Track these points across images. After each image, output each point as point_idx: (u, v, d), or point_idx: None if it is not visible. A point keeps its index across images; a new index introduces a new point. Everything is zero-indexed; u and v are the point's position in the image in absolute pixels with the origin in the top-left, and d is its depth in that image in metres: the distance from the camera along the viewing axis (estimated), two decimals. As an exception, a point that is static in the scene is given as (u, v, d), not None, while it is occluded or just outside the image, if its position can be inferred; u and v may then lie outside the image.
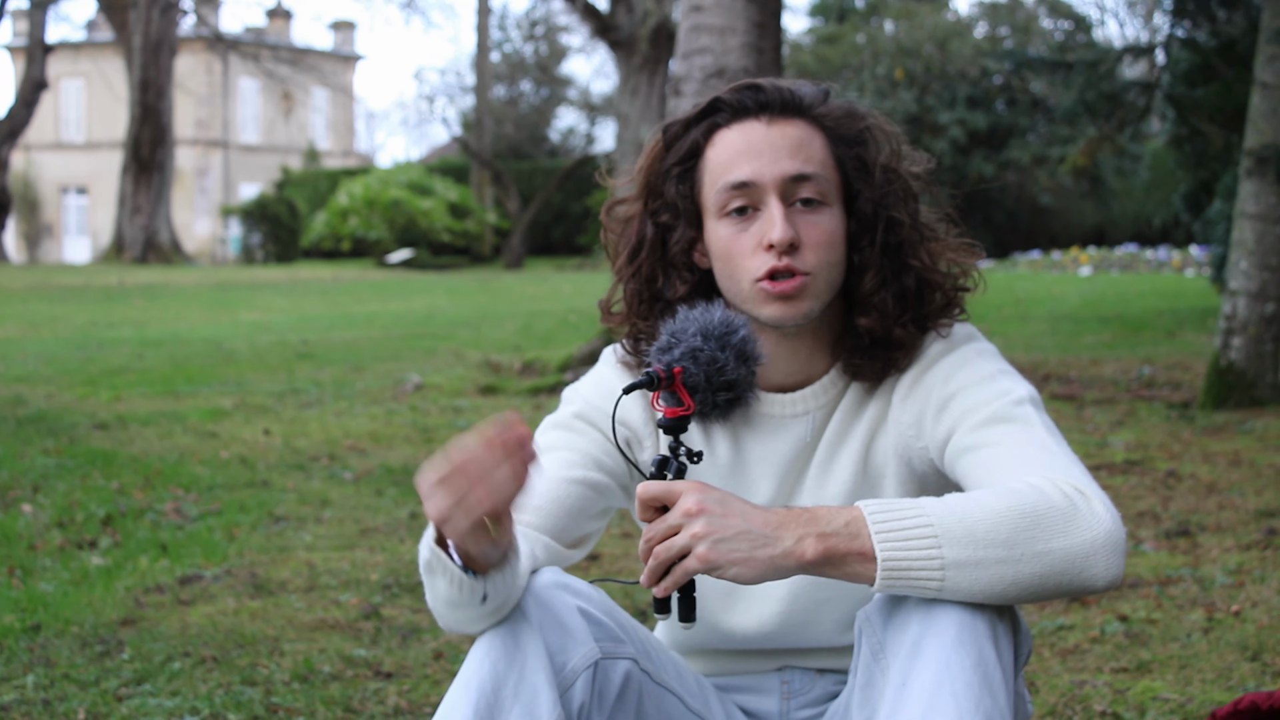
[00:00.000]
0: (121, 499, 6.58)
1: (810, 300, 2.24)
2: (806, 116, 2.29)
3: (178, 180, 49.31)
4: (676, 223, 2.33)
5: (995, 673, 1.98)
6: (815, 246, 2.23)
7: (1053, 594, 1.99)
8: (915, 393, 2.28)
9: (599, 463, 2.35)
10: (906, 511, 1.97)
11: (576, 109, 60.78)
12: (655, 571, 2.01)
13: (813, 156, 2.26)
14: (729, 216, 2.26)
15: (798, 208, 2.24)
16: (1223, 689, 3.74)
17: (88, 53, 56.07)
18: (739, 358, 2.09)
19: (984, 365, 2.26)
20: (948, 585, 1.95)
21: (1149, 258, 31.56)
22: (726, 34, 9.82)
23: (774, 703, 2.41)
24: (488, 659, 2.05)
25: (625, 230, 2.40)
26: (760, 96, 2.29)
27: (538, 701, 2.03)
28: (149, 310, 21.16)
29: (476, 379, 11.47)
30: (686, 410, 2.08)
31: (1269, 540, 5.41)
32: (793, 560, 1.97)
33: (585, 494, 2.33)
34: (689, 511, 1.97)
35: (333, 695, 3.82)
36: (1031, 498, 1.98)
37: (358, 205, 43.43)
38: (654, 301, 2.35)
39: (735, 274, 2.26)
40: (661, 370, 2.06)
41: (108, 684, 3.92)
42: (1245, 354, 9.06)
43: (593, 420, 2.37)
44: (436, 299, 24.09)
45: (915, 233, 2.31)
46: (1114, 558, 1.98)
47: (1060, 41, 39.09)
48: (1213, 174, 14.37)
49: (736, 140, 2.27)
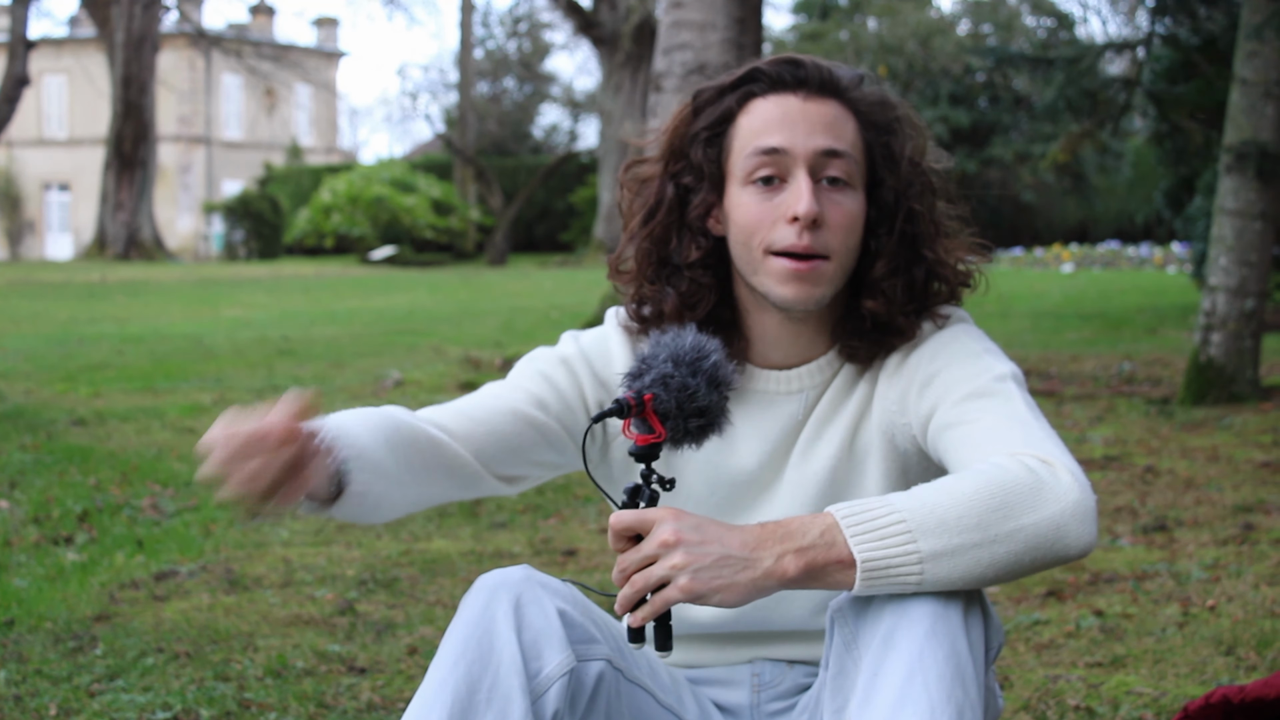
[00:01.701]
0: (98, 495, 6.56)
1: (824, 286, 2.25)
2: (841, 98, 2.29)
3: (160, 177, 49.20)
4: (699, 186, 2.31)
5: (968, 665, 1.97)
6: (837, 228, 2.24)
7: (1030, 569, 1.98)
8: (902, 370, 2.29)
9: (557, 412, 2.35)
10: (878, 510, 1.96)
11: (560, 106, 60.79)
12: (631, 600, 1.99)
13: (844, 136, 2.26)
14: (754, 184, 2.26)
15: (824, 185, 2.24)
16: (1196, 683, 3.74)
17: (70, 49, 55.88)
18: (710, 383, 2.06)
19: (969, 344, 2.27)
20: (927, 578, 1.95)
21: (1131, 254, 31.66)
22: (707, 29, 9.82)
23: (744, 695, 2.40)
24: (462, 661, 2.04)
25: (643, 190, 2.38)
26: (799, 72, 2.29)
27: (510, 707, 2.02)
28: (130, 307, 21.12)
29: (457, 375, 11.45)
30: (658, 438, 2.05)
31: (1245, 535, 5.42)
32: (774, 579, 1.96)
33: (527, 433, 2.32)
34: (666, 542, 1.96)
35: (306, 691, 3.80)
36: (997, 477, 1.98)
37: (341, 202, 43.40)
38: (663, 265, 2.34)
39: (750, 242, 2.26)
40: (632, 397, 2.04)
41: (80, 680, 3.90)
42: (1224, 350, 9.07)
43: (574, 370, 2.37)
44: (418, 295, 24.07)
45: (932, 226, 2.32)
46: (1085, 525, 1.98)
47: (1043, 39, 39.15)
48: (1193, 170, 14.41)
49: (771, 110, 2.27)
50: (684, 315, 2.29)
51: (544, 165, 45.43)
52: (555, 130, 60.25)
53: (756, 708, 2.39)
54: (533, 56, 58.28)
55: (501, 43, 58.30)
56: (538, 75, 58.64)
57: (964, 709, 1.94)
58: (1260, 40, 8.88)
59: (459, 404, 2.35)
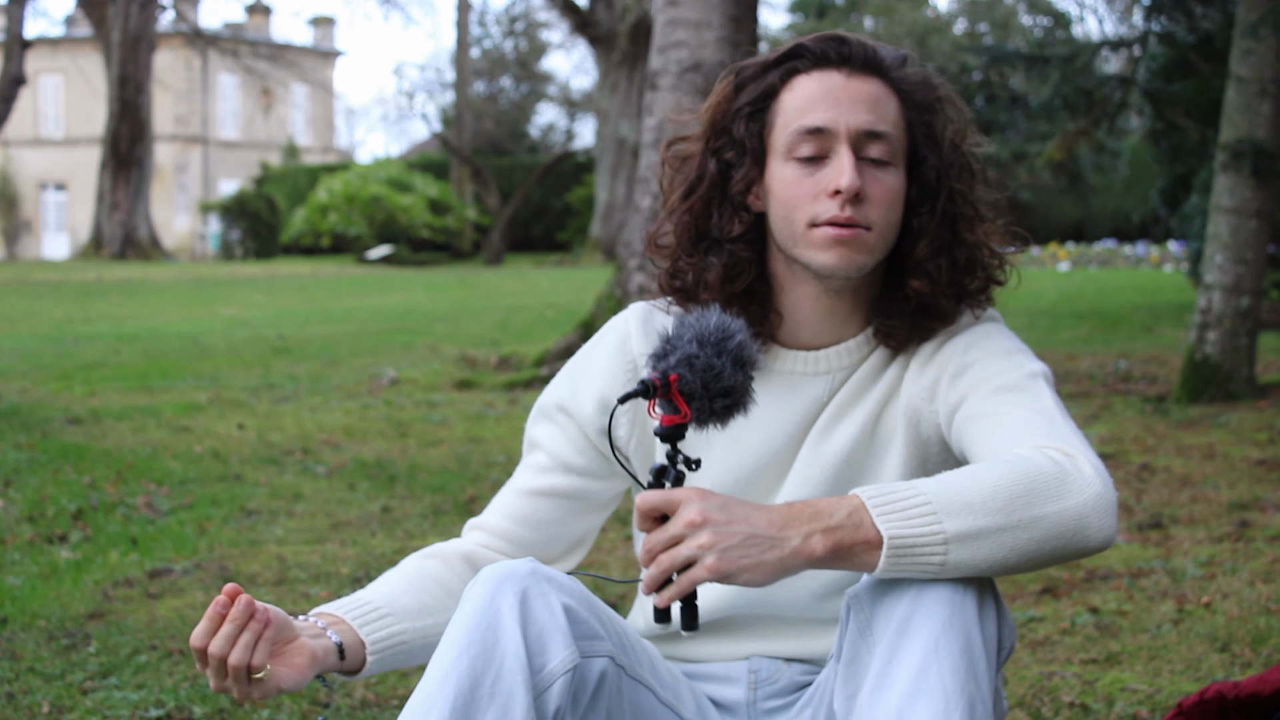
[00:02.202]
0: (93, 493, 6.55)
1: (865, 254, 2.25)
2: (885, 77, 2.30)
3: (156, 176, 49.21)
4: (740, 161, 2.31)
5: (980, 659, 1.98)
6: (879, 203, 2.24)
7: (1050, 559, 1.99)
8: (935, 359, 2.30)
9: (568, 465, 2.39)
10: (903, 491, 1.97)
11: (556, 105, 60.83)
12: (657, 580, 1.98)
13: (886, 116, 2.27)
14: (797, 160, 2.26)
15: (866, 162, 2.25)
16: (1191, 680, 3.74)
17: (66, 48, 55.84)
18: (736, 363, 2.05)
19: (1003, 341, 2.30)
20: (950, 560, 1.95)
21: (1127, 253, 31.67)
22: (702, 28, 9.82)
23: (741, 692, 2.40)
24: (466, 655, 2.03)
25: (684, 167, 2.39)
26: (844, 49, 2.29)
27: (513, 703, 2.01)
28: (126, 306, 21.11)
29: (452, 374, 11.45)
30: (683, 418, 2.04)
31: (1240, 532, 5.42)
32: (801, 559, 1.96)
33: (554, 505, 2.39)
34: (693, 522, 1.95)
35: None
36: (1022, 466, 1.99)
37: (337, 201, 43.41)
38: (701, 239, 2.34)
39: (792, 216, 2.26)
40: (657, 378, 2.03)
41: (73, 677, 3.89)
42: (1220, 348, 9.07)
43: (571, 411, 2.39)
44: (414, 295, 24.07)
45: (972, 209, 2.34)
46: (1106, 518, 1.99)
47: (1039, 37, 39.17)
48: (1189, 169, 14.41)
49: (815, 87, 2.27)
50: (725, 287, 2.29)
51: (540, 164, 45.45)
52: (552, 129, 60.30)
53: (753, 705, 2.39)
54: (529, 56, 58.31)
55: (498, 42, 58.35)
56: (534, 74, 58.67)
57: (975, 702, 1.95)
58: (1256, 38, 8.87)
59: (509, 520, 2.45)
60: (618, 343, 2.41)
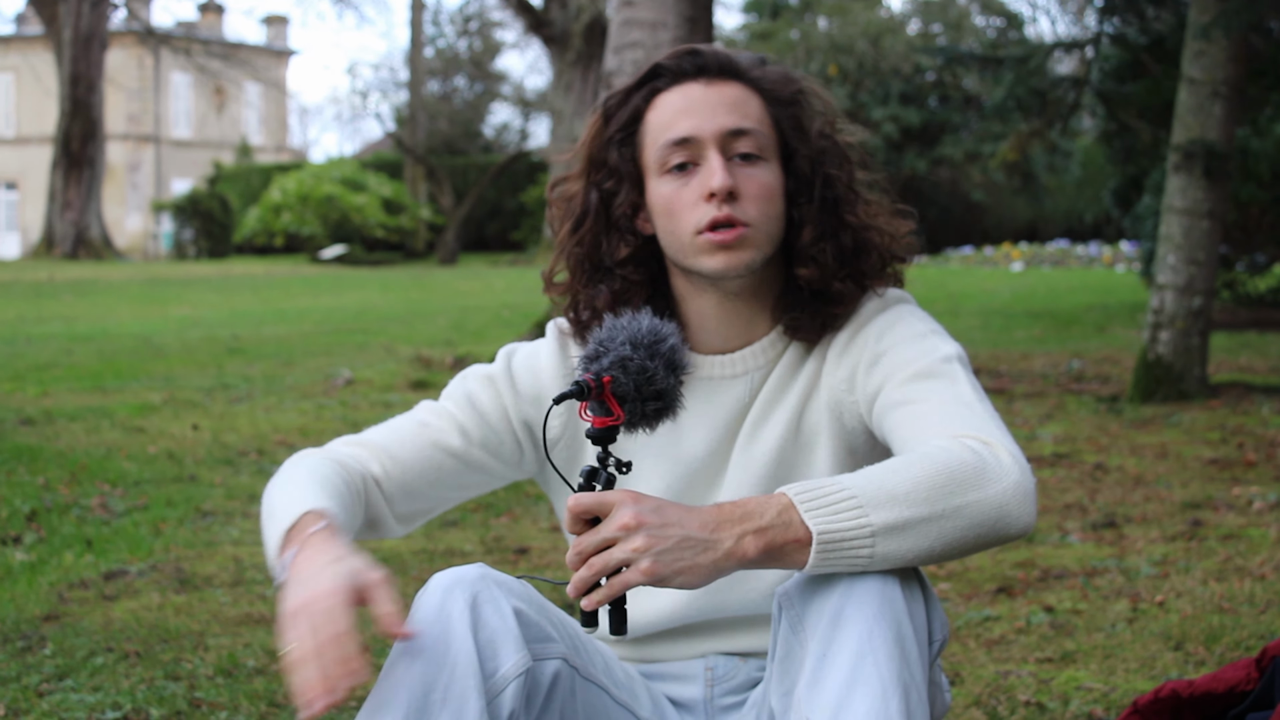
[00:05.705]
0: (47, 494, 6.51)
1: (751, 251, 2.28)
2: (743, 79, 2.35)
3: (109, 175, 48.90)
4: (620, 187, 2.36)
5: (913, 648, 2.00)
6: (754, 198, 2.28)
7: (974, 546, 2.02)
8: (850, 349, 2.32)
9: (480, 438, 2.39)
10: (828, 487, 1.99)
11: (510, 105, 60.68)
12: (587, 582, 1.98)
13: (750, 114, 2.32)
14: (670, 173, 2.30)
15: (736, 161, 2.29)
16: (1146, 678, 3.76)
17: (17, 46, 55.51)
18: (668, 367, 2.07)
19: (916, 324, 2.31)
20: (878, 552, 1.97)
21: (1080, 253, 31.82)
22: (658, 28, 9.83)
23: (698, 690, 2.40)
24: (418, 661, 2.03)
25: (569, 205, 2.43)
26: (698, 60, 2.34)
27: (466, 708, 2.00)
28: (78, 306, 20.98)
29: (408, 374, 11.43)
30: (615, 420, 2.05)
31: (1194, 531, 5.46)
32: (734, 560, 1.97)
33: (447, 463, 2.39)
34: (627, 525, 1.96)
35: (256, 690, 3.79)
36: (942, 458, 2.02)
37: (291, 201, 43.23)
38: (596, 268, 2.38)
39: (677, 229, 2.30)
40: (590, 379, 2.04)
41: (29, 680, 3.87)
42: (1173, 348, 9.13)
43: (499, 389, 2.41)
44: (369, 294, 24.00)
45: (851, 192, 2.37)
46: (1026, 505, 2.02)
47: (992, 38, 39.31)
48: (1142, 169, 14.50)
49: (676, 100, 2.32)
50: (616, 312, 2.30)
51: (495, 164, 45.35)
52: (506, 129, 60.16)
53: (710, 702, 2.40)
54: (483, 55, 58.15)
55: (452, 41, 58.17)
56: (488, 74, 58.52)
57: (910, 689, 1.96)
58: (1208, 40, 8.93)
59: (388, 441, 2.40)
60: (560, 345, 2.44)
